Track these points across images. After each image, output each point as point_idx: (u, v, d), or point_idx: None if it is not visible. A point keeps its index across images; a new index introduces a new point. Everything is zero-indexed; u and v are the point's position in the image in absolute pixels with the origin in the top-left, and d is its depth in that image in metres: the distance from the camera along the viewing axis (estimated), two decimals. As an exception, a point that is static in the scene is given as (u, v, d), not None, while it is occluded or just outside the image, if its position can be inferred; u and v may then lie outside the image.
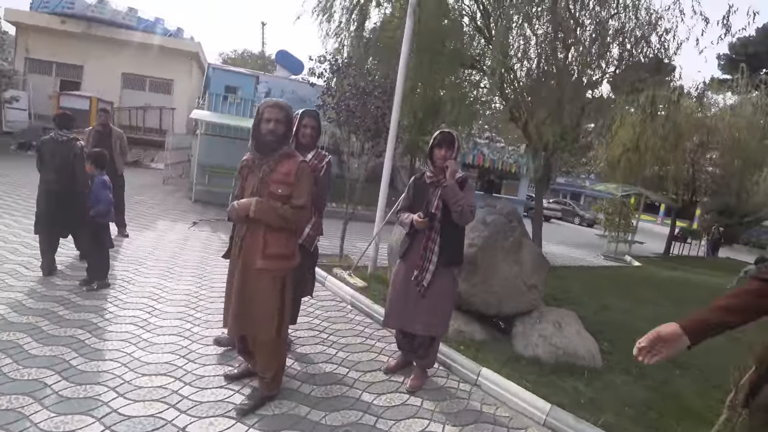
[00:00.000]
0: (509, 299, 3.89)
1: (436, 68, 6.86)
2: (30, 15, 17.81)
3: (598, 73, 7.05)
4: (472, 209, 2.73)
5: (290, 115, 2.38)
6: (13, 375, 2.44)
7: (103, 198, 3.82)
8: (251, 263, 2.29)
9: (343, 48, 7.82)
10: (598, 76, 7.11)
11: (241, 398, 2.50)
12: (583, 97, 7.19)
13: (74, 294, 3.67)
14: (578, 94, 6.96)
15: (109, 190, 3.90)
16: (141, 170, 13.94)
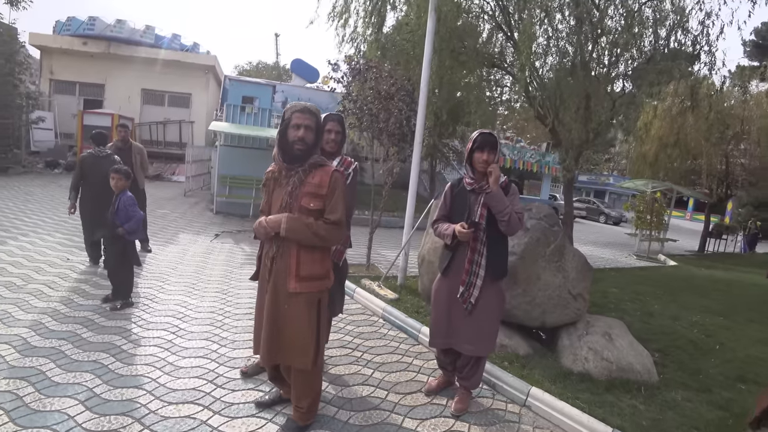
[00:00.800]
0: (553, 310, 3.61)
1: (457, 68, 6.65)
2: (53, 38, 18.32)
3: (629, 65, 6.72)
4: (521, 216, 2.48)
5: (320, 120, 2.16)
6: (34, 406, 2.30)
7: (133, 215, 3.73)
8: (283, 286, 2.08)
9: (360, 53, 7.69)
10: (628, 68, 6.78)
11: (274, 428, 2.30)
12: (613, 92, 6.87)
13: (97, 314, 3.56)
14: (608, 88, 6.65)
15: (136, 205, 3.84)
16: (162, 183, 14.06)
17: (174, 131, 18.79)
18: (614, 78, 6.98)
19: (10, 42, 13.18)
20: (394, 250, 7.32)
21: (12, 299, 3.67)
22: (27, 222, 6.68)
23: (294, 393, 2.25)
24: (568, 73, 6.60)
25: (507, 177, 2.55)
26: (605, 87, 6.82)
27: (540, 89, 6.98)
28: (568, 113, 6.51)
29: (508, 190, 2.50)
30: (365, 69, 5.48)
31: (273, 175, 2.20)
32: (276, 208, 2.12)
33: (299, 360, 2.13)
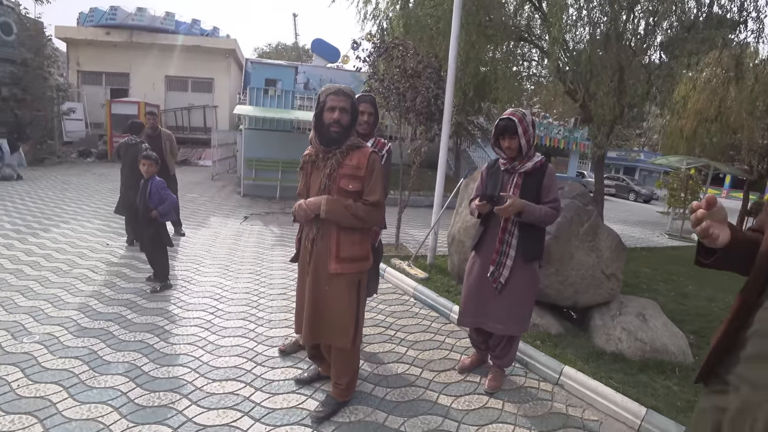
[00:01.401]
0: (586, 290, 3.57)
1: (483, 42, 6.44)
2: (78, 30, 18.67)
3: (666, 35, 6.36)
4: (557, 206, 2.43)
5: (355, 102, 2.14)
6: (90, 383, 2.45)
7: (166, 197, 3.84)
8: (324, 268, 2.12)
9: (383, 30, 7.53)
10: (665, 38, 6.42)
11: (314, 404, 2.38)
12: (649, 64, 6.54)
13: (139, 297, 3.71)
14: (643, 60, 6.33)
15: (168, 189, 3.94)
16: (190, 168, 14.36)
17: (198, 116, 19.06)
18: (650, 49, 6.63)
19: (38, 36, 13.55)
20: (422, 229, 7.32)
21: (60, 283, 3.86)
22: (66, 210, 6.97)
23: (333, 370, 2.32)
24: (600, 45, 6.30)
25: (542, 156, 2.49)
26: (640, 59, 6.49)
27: (570, 63, 6.71)
28: (600, 87, 6.24)
29: (543, 171, 2.45)
30: (391, 47, 5.37)
31: (310, 158, 2.20)
32: (314, 190, 2.14)
33: (339, 339, 2.18)
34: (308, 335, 2.20)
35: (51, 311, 3.30)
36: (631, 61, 6.25)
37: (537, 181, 2.44)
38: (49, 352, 2.73)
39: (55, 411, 2.19)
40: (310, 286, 2.16)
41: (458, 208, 4.49)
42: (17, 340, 2.84)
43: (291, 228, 6.94)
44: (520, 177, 2.46)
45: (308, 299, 2.16)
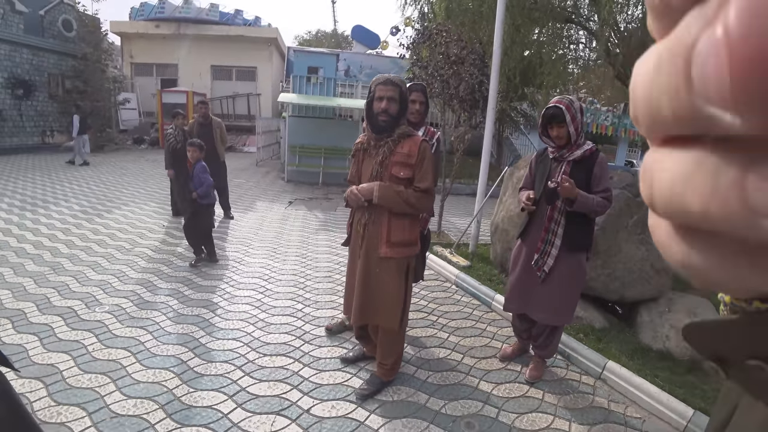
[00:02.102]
0: (634, 284, 3.46)
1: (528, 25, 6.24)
2: (130, 24, 19.63)
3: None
4: (608, 196, 2.36)
5: (404, 91, 2.17)
6: (154, 350, 2.67)
7: (204, 181, 4.05)
8: (374, 251, 2.20)
9: (423, 15, 7.45)
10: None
11: (358, 382, 2.49)
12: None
13: (194, 275, 3.96)
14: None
15: (207, 173, 4.13)
16: (235, 155, 14.91)
17: (242, 104, 19.64)
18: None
19: (95, 31, 14.39)
20: (463, 217, 7.29)
21: (124, 260, 4.18)
22: (125, 193, 7.46)
23: (379, 351, 2.40)
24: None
25: (593, 144, 2.42)
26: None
27: (621, 45, 6.39)
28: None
29: (593, 160, 2.38)
30: (435, 33, 5.32)
31: (362, 146, 2.27)
32: (366, 177, 2.22)
33: (387, 321, 2.26)
34: (357, 316, 2.29)
35: (117, 285, 3.59)
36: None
37: (587, 169, 2.38)
38: (117, 321, 2.99)
39: (125, 373, 2.42)
40: (361, 269, 2.25)
41: (502, 196, 4.44)
42: (90, 309, 3.13)
43: (334, 213, 7.10)
44: (568, 165, 2.40)
45: (359, 281, 2.25)
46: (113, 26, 18.80)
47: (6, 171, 8.91)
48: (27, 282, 3.53)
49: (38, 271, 3.76)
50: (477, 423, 2.27)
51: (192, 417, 2.12)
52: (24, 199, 6.49)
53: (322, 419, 2.18)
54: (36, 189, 7.27)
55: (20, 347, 2.60)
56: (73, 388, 2.27)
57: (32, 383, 2.28)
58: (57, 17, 13.35)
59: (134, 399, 2.21)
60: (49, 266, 3.89)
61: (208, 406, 2.21)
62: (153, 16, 19.35)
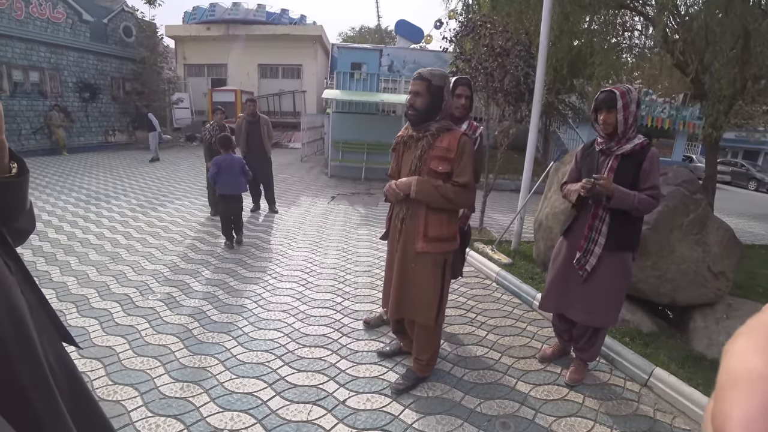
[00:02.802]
0: (687, 287, 3.24)
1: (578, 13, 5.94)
2: (184, 28, 20.71)
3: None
4: (655, 194, 2.21)
5: (435, 84, 2.11)
6: (201, 337, 2.82)
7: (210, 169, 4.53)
8: (411, 246, 2.21)
9: (468, 7, 7.29)
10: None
11: (394, 376, 2.51)
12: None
13: (239, 266, 4.13)
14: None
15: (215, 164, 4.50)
16: (281, 150, 15.35)
17: (288, 101, 20.18)
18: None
19: (152, 36, 15.29)
20: (506, 213, 7.13)
21: (174, 251, 4.44)
22: (178, 188, 7.89)
23: (415, 346, 2.41)
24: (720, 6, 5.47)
25: (645, 138, 2.28)
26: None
27: (681, 30, 5.94)
28: (718, 57, 5.45)
29: (644, 155, 2.24)
30: (478, 25, 5.19)
31: (402, 140, 2.28)
32: (405, 171, 2.22)
33: (423, 316, 2.26)
34: (394, 310, 2.31)
35: (168, 274, 3.82)
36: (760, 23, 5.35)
37: (635, 165, 2.24)
38: (168, 308, 3.19)
39: (173, 358, 2.57)
40: (398, 264, 2.26)
41: (547, 192, 4.29)
42: (144, 297, 3.35)
43: (375, 209, 7.16)
44: (616, 159, 2.27)
45: (396, 276, 2.27)
46: (168, 30, 19.89)
47: (74, 168, 9.69)
48: (90, 270, 3.83)
49: (99, 260, 4.07)
50: (513, 424, 2.22)
51: (233, 402, 2.22)
52: (89, 193, 7.03)
53: (357, 411, 2.22)
54: (99, 184, 7.85)
55: (83, 329, 2.84)
56: (127, 369, 2.44)
57: (93, 363, 2.48)
58: (119, 24, 14.29)
59: (181, 383, 2.35)
60: (109, 256, 4.20)
61: (248, 392, 2.31)
62: (204, 19, 20.30)
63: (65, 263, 3.96)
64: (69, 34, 12.47)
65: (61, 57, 12.31)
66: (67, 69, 12.58)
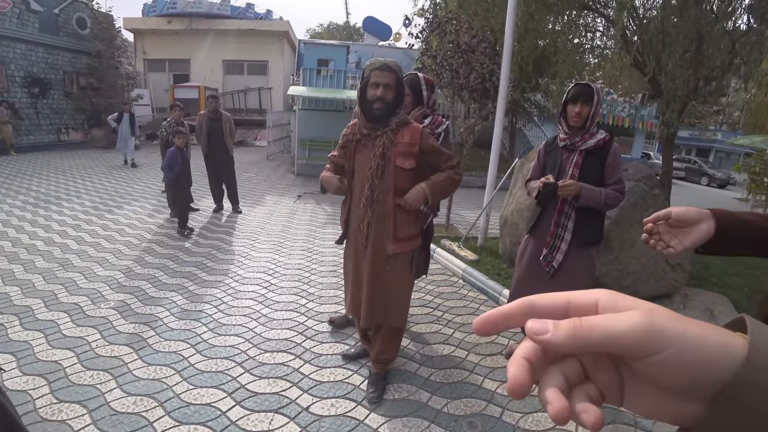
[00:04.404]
0: (648, 280, 3.35)
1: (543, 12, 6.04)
2: (143, 20, 19.80)
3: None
4: (620, 188, 2.24)
5: (400, 77, 2.04)
6: (156, 347, 2.67)
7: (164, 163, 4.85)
8: (382, 249, 2.10)
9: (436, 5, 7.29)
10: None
11: (359, 379, 2.45)
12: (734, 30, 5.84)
13: (199, 270, 3.96)
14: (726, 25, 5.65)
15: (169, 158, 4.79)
16: (246, 149, 14.97)
17: (254, 98, 19.72)
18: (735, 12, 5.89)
19: (109, 28, 14.53)
20: (473, 210, 7.18)
21: (131, 256, 4.21)
22: (136, 188, 7.54)
23: (380, 348, 2.33)
24: (676, 9, 5.69)
25: (607, 134, 2.30)
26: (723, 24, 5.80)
27: (639, 32, 6.14)
28: (673, 58, 5.67)
29: (607, 150, 2.27)
30: (444, 21, 5.17)
31: (354, 137, 2.11)
32: (363, 171, 2.07)
33: (397, 319, 2.22)
34: (368, 318, 2.18)
35: (124, 281, 3.61)
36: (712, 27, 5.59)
37: (600, 160, 2.26)
38: (121, 317, 3.00)
39: (127, 370, 2.41)
40: (369, 270, 2.13)
41: (512, 189, 4.33)
42: (96, 306, 3.15)
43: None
44: (580, 155, 2.29)
45: (367, 283, 2.14)
46: (126, 23, 19.01)
47: (23, 169, 9.10)
48: (36, 279, 3.57)
49: (47, 268, 3.80)
50: (480, 423, 2.20)
51: (190, 415, 2.10)
52: (38, 196, 6.60)
53: (321, 417, 2.14)
54: (50, 186, 7.39)
55: (26, 344, 2.63)
56: (75, 385, 2.27)
57: (35, 380, 2.29)
58: (71, 15, 13.50)
59: (134, 396, 2.21)
60: (58, 263, 3.93)
61: (206, 403, 2.19)
62: (165, 12, 19.49)
63: (8, 272, 3.68)
64: (16, 25, 11.68)
65: (6, 49, 11.52)
66: (13, 62, 11.79)
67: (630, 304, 0.28)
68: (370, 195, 2.05)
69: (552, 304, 0.30)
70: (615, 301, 0.28)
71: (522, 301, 0.30)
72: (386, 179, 2.04)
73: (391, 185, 2.05)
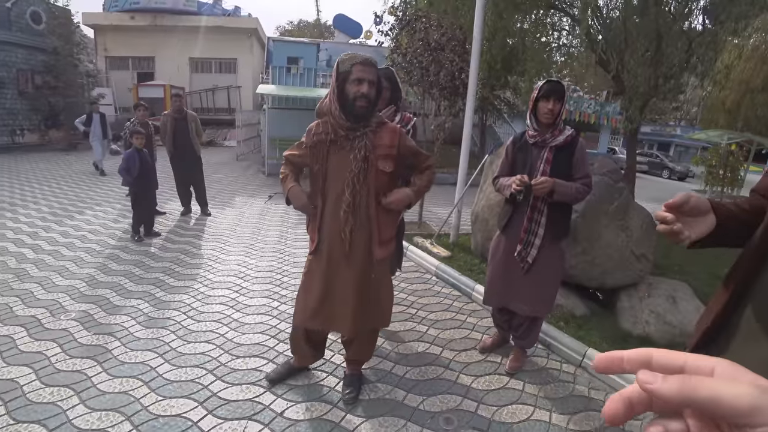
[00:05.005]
0: (614, 270, 3.45)
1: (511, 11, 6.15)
2: (104, 16, 18.94)
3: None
4: (588, 182, 2.30)
5: (379, 73, 1.96)
6: (122, 358, 2.56)
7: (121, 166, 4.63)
8: (368, 255, 2.02)
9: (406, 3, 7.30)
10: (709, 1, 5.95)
11: (334, 381, 2.43)
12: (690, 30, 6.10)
13: (166, 275, 3.83)
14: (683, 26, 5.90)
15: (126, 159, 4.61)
16: (215, 149, 14.58)
17: (223, 97, 19.25)
18: (692, 14, 6.16)
19: (66, 24, 13.83)
20: (446, 207, 7.23)
21: (93, 263, 4.03)
22: (99, 193, 7.23)
23: (358, 349, 2.31)
24: (637, 10, 5.90)
25: (573, 130, 2.36)
26: (680, 24, 6.06)
27: (603, 31, 6.34)
28: (635, 57, 5.88)
29: (574, 146, 2.33)
30: (414, 19, 5.19)
31: (328, 137, 1.94)
32: (340, 174, 1.94)
33: (382, 321, 2.20)
34: (353, 328, 2.09)
35: (86, 290, 3.45)
36: (670, 27, 5.83)
37: (568, 155, 2.33)
38: (84, 328, 2.86)
39: (90, 384, 2.30)
40: (356, 278, 2.03)
41: (482, 185, 4.39)
42: (55, 318, 2.99)
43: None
44: (550, 152, 2.33)
45: (354, 291, 2.03)
46: (86, 18, 18.17)
47: (-26, 172, 8.57)
48: (-12, 289, 3.36)
49: (1, 279, 3.58)
50: (456, 418, 2.22)
51: (159, 428, 2.02)
52: (-9, 201, 6.23)
53: (297, 422, 2.11)
54: (3, 191, 6.99)
55: (-23, 360, 2.47)
56: (33, 403, 2.14)
57: (-12, 399, 2.16)
58: (25, 9, 12.80)
59: (99, 411, 2.10)
60: (13, 273, 3.71)
61: (176, 414, 2.11)
62: (127, 7, 18.73)
63: (-44, 283, 3.45)
64: (-38, 21, 11.00)
65: (-48, 46, 10.84)
66: (-40, 60, 11.10)
67: (751, 379, 0.27)
68: (352, 201, 1.93)
69: (669, 361, 0.31)
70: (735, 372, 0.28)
71: (642, 351, 0.32)
72: (368, 184, 1.95)
73: (374, 189, 1.97)
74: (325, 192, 2.01)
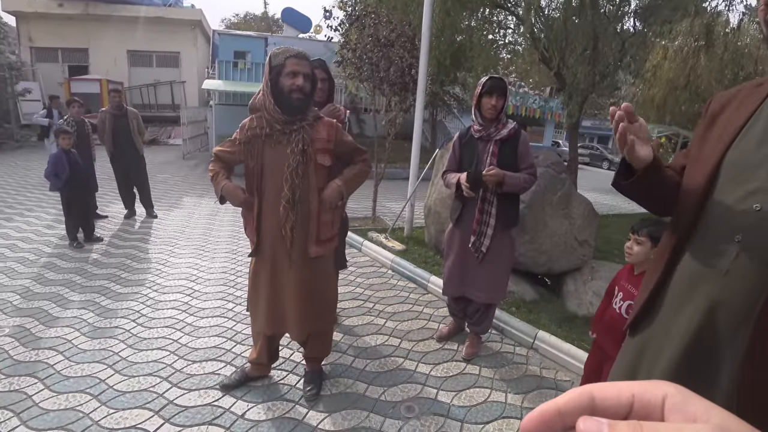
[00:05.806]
0: (559, 257, 3.67)
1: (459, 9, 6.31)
2: (27, 2, 17.21)
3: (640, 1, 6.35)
4: (533, 172, 2.45)
5: (313, 68, 1.97)
6: (66, 372, 2.40)
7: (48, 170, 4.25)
8: (304, 253, 2.01)
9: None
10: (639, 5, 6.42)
11: (295, 379, 2.42)
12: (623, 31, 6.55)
13: (112, 282, 3.63)
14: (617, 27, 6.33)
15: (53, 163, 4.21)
16: (159, 148, 13.86)
17: (166, 93, 18.27)
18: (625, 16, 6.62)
19: (-17, 10, 12.57)
20: (399, 201, 7.34)
21: (27, 274, 3.73)
22: (30, 197, 6.67)
23: (313, 347, 2.31)
24: (575, 11, 6.26)
25: (515, 123, 2.49)
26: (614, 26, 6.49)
27: (545, 30, 6.67)
28: (574, 55, 6.24)
29: (518, 138, 2.45)
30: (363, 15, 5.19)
31: (263, 131, 1.89)
32: (277, 170, 1.90)
33: (328, 320, 2.20)
34: (301, 331, 2.09)
35: (20, 303, 3.19)
36: (606, 28, 6.24)
37: (512, 148, 2.46)
38: (20, 344, 2.66)
39: (32, 403, 2.14)
40: (296, 277, 2.01)
41: (434, 179, 4.50)
42: (-15, 333, 2.75)
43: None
44: (496, 145, 2.45)
45: (297, 293, 2.02)
46: (6, 4, 16.49)
47: None
48: None
49: None
50: (417, 406, 2.29)
51: (110, 440, 1.93)
52: None
53: (258, 422, 2.09)
54: None
55: None
56: (-38, 429, 1.98)
57: None
58: (-70, -4, 11.49)
59: (43, 431, 1.97)
60: (-68, 286, 3.37)
61: (131, 426, 2.02)
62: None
63: None
64: None
65: None
66: None
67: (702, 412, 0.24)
68: (292, 196, 1.90)
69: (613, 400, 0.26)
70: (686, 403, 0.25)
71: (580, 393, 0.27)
72: (308, 178, 1.94)
73: (314, 184, 1.97)
74: (262, 189, 1.96)
